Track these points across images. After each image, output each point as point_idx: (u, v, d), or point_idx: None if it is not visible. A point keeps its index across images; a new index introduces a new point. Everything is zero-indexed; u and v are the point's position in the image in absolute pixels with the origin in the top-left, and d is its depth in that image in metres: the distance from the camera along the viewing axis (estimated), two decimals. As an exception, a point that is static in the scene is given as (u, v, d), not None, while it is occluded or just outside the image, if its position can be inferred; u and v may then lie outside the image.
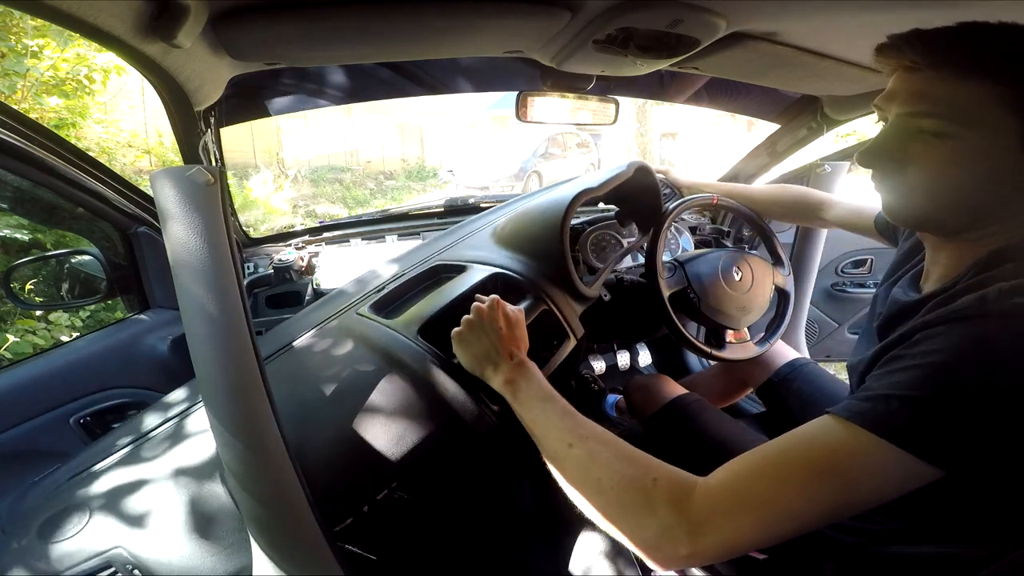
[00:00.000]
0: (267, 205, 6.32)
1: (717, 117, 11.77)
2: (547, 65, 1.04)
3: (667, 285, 1.10)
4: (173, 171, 0.52)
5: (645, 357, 1.57)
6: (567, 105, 1.20)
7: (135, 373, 1.15)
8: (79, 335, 2.15)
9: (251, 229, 4.13)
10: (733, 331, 1.16)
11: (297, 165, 8.49)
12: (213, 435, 0.57)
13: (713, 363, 1.49)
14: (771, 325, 1.20)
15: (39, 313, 2.42)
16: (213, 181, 0.52)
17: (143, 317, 1.22)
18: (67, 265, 1.33)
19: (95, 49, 3.11)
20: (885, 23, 0.81)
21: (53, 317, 2.44)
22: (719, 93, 1.47)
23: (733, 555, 0.46)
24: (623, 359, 1.54)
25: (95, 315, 2.61)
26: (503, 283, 0.91)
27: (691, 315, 1.14)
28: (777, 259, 1.25)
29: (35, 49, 2.90)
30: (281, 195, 6.70)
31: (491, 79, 1.41)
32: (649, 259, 1.11)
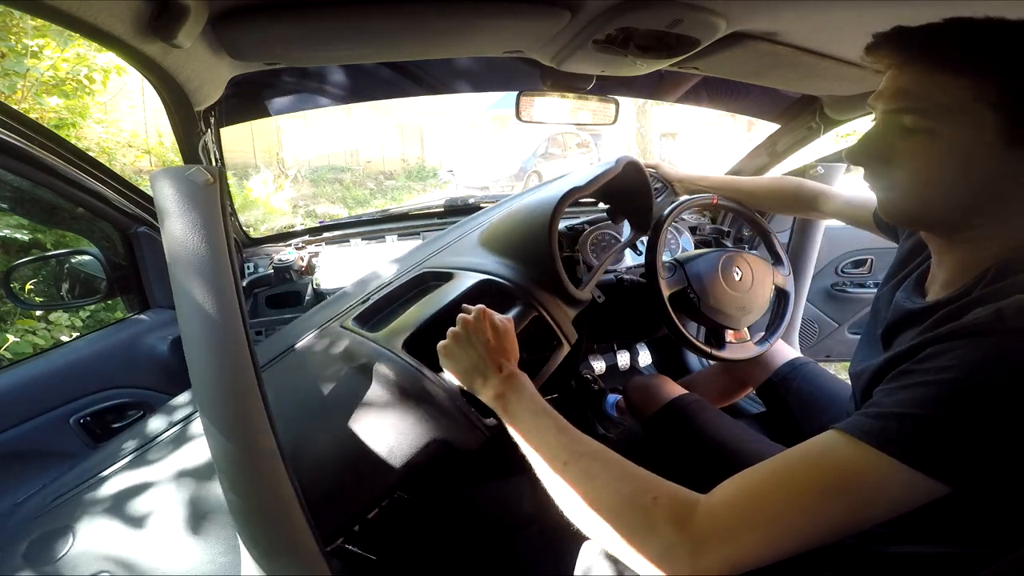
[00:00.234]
0: (267, 205, 6.32)
1: (717, 117, 11.77)
2: (547, 65, 1.04)
3: (667, 285, 1.10)
4: (172, 171, 0.52)
5: (645, 357, 1.57)
6: (567, 105, 1.20)
7: (135, 373, 1.15)
8: (79, 335, 2.15)
9: (251, 229, 4.13)
10: (733, 331, 1.16)
11: (297, 165, 8.49)
12: (207, 438, 0.56)
13: (713, 363, 1.49)
14: (771, 325, 1.20)
15: (39, 313, 2.42)
16: (212, 181, 0.51)
17: (143, 317, 1.22)
18: (67, 265, 1.33)
19: (95, 49, 3.11)
20: (885, 23, 0.81)
21: (53, 317, 2.44)
22: (719, 93, 1.47)
23: (737, 573, 0.45)
24: (623, 359, 1.54)
25: (95, 315, 2.61)
26: (491, 290, 0.88)
27: (691, 315, 1.14)
28: (777, 259, 1.25)
29: (35, 49, 2.90)
30: (281, 195, 6.70)
31: (491, 79, 1.41)
32: (649, 259, 1.11)
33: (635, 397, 1.14)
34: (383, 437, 0.69)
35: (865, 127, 0.56)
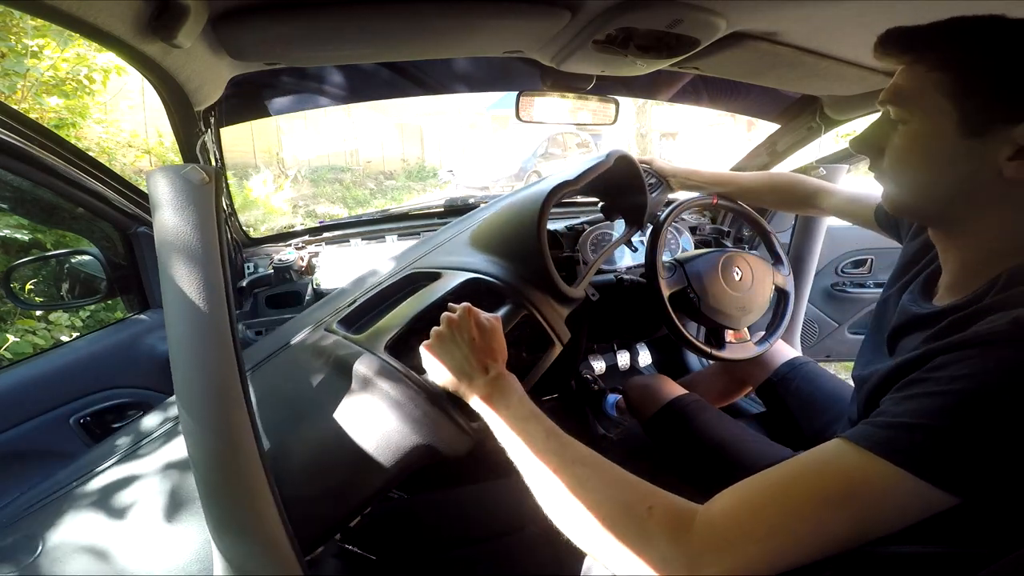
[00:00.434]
0: (267, 205, 6.32)
1: (717, 117, 11.78)
2: (547, 65, 1.04)
3: (667, 285, 1.10)
4: (168, 169, 0.51)
5: (645, 357, 1.57)
6: (567, 105, 1.21)
7: (135, 373, 1.15)
8: (79, 335, 2.15)
9: (251, 229, 4.13)
10: (733, 331, 1.16)
11: (297, 165, 8.49)
12: (185, 437, 0.55)
13: (713, 363, 1.49)
14: (771, 325, 1.20)
15: (39, 313, 2.42)
16: (208, 180, 0.51)
17: (143, 317, 1.22)
18: (67, 265, 1.33)
19: (95, 49, 3.11)
20: (885, 23, 0.81)
21: (53, 317, 2.44)
22: (719, 93, 1.47)
23: None
24: (623, 359, 1.54)
25: (95, 315, 2.61)
26: (480, 289, 0.85)
27: (691, 315, 1.14)
28: (777, 259, 1.25)
29: (35, 49, 2.90)
30: (281, 195, 6.70)
31: (491, 79, 1.41)
32: (649, 259, 1.11)
33: (635, 397, 1.14)
34: (365, 442, 0.67)
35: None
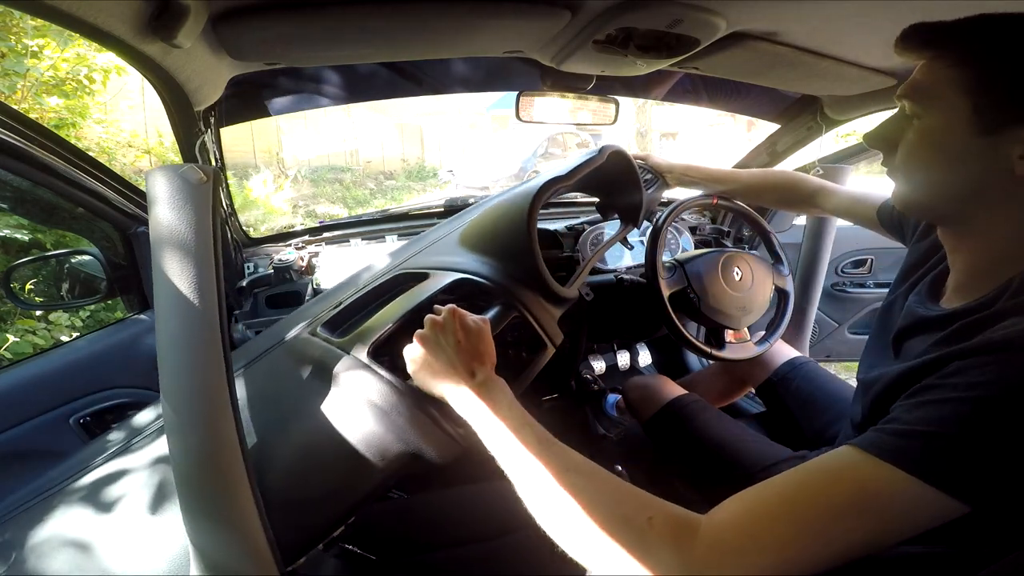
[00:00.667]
0: (267, 205, 6.32)
1: (717, 117, 11.78)
2: (547, 65, 1.04)
3: (667, 285, 1.10)
4: (167, 168, 0.51)
5: (645, 357, 1.57)
6: (567, 105, 1.20)
7: (135, 373, 1.15)
8: (79, 335, 2.16)
9: (251, 229, 4.13)
10: (733, 331, 1.16)
11: (297, 165, 8.49)
12: (167, 437, 0.54)
13: (713, 363, 1.49)
14: (771, 325, 1.20)
15: (39, 313, 2.43)
16: (205, 179, 0.51)
17: (143, 317, 1.22)
18: (67, 265, 1.33)
19: (95, 49, 3.11)
20: (885, 23, 0.81)
21: (53, 317, 2.44)
22: (719, 93, 1.47)
23: None
24: (623, 359, 1.54)
25: (95, 315, 2.61)
26: (469, 290, 0.83)
27: (691, 315, 1.14)
28: (777, 259, 1.25)
29: (35, 49, 2.90)
30: (281, 195, 6.70)
31: (491, 79, 1.41)
32: (649, 259, 1.11)
33: (635, 397, 1.14)
34: (347, 450, 0.64)
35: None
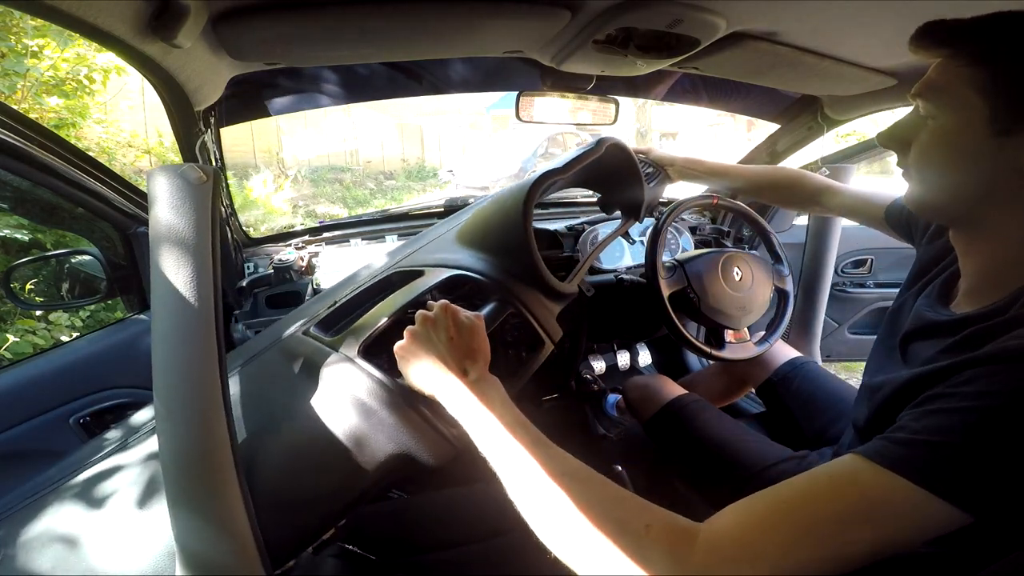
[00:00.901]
0: (267, 205, 6.32)
1: (717, 117, 11.79)
2: (547, 65, 1.04)
3: (667, 285, 1.10)
4: (167, 168, 0.52)
5: (645, 357, 1.57)
6: (567, 105, 1.20)
7: (135, 373, 1.15)
8: (79, 335, 2.15)
9: (251, 229, 4.13)
10: (733, 331, 1.16)
11: (297, 165, 8.49)
12: (158, 436, 0.53)
13: (713, 363, 1.49)
14: (771, 325, 1.20)
15: (39, 313, 2.43)
16: (205, 179, 0.51)
17: (143, 317, 1.22)
18: (67, 265, 1.33)
19: (95, 49, 3.11)
20: (885, 23, 0.81)
21: (53, 317, 2.44)
22: (719, 93, 1.47)
23: None
24: (623, 359, 1.54)
25: (95, 315, 2.61)
26: (465, 286, 0.81)
27: (691, 315, 1.14)
28: (777, 258, 1.25)
29: (35, 49, 2.90)
30: (281, 195, 6.70)
31: (491, 79, 1.41)
32: (649, 259, 1.11)
33: (635, 397, 1.14)
34: (337, 451, 0.63)
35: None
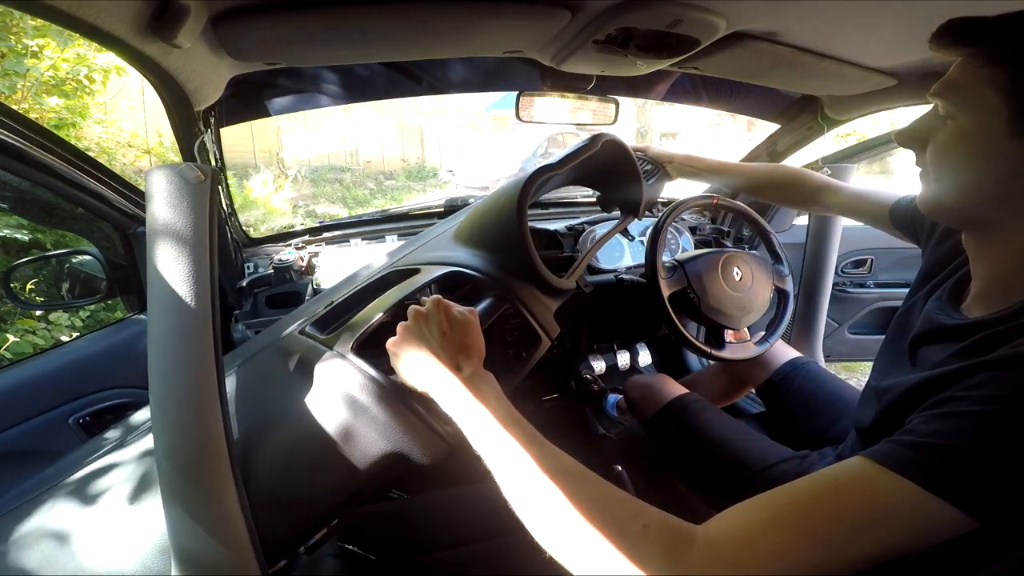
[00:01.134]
0: (267, 205, 6.32)
1: (717, 117, 11.79)
2: (547, 65, 1.04)
3: (667, 285, 1.10)
4: (165, 167, 0.52)
5: (645, 357, 1.58)
6: (567, 105, 1.20)
7: (134, 373, 1.15)
8: (79, 335, 2.15)
9: (251, 229, 4.13)
10: (733, 331, 1.16)
11: (297, 165, 8.49)
12: (154, 435, 0.53)
13: (713, 363, 1.49)
14: (771, 325, 1.20)
15: (39, 313, 2.43)
16: (203, 178, 0.51)
17: (142, 317, 1.22)
18: (67, 265, 1.33)
19: (95, 49, 3.11)
20: (885, 23, 0.81)
21: (53, 317, 2.44)
22: (719, 93, 1.47)
23: None
24: (623, 359, 1.54)
25: (95, 315, 2.61)
26: (461, 283, 0.81)
27: (691, 315, 1.14)
28: (777, 258, 1.25)
29: (35, 49, 2.90)
30: (281, 195, 6.70)
31: (491, 79, 1.41)
32: (649, 259, 1.11)
33: (635, 397, 1.14)
34: (330, 449, 0.63)
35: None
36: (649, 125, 8.97)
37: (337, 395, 0.64)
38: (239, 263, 1.32)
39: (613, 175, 1.03)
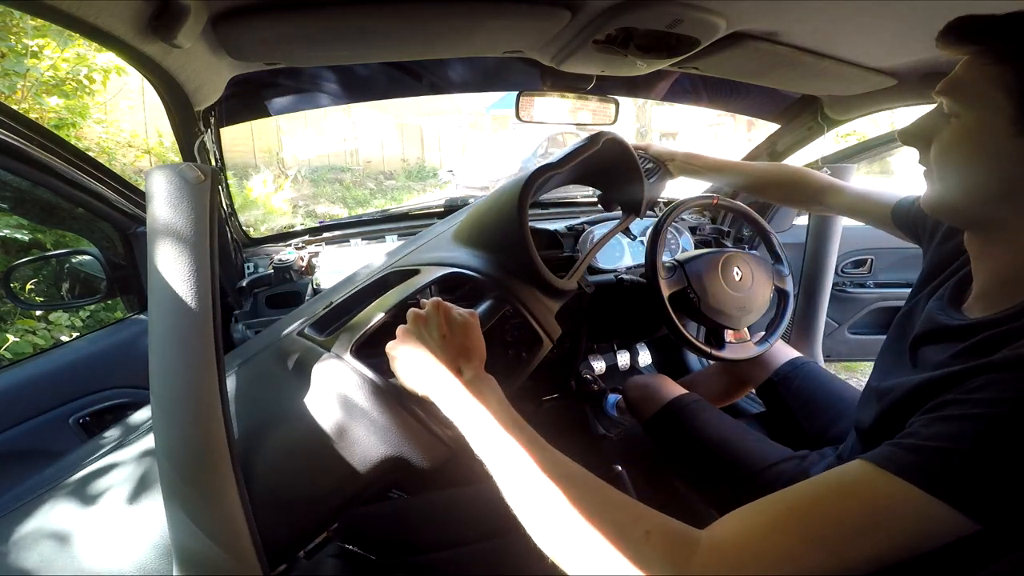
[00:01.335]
0: (267, 205, 6.32)
1: (717, 117, 11.80)
2: (547, 65, 1.04)
3: (667, 285, 1.10)
4: (165, 167, 0.52)
5: (645, 357, 1.57)
6: (567, 105, 1.21)
7: (135, 373, 1.15)
8: (79, 335, 2.16)
9: (251, 229, 4.14)
10: (733, 331, 1.16)
11: (297, 165, 8.49)
12: (155, 435, 0.53)
13: (713, 363, 1.49)
14: (771, 325, 1.20)
15: (39, 313, 2.43)
16: (203, 178, 0.51)
17: (143, 317, 1.22)
18: (67, 265, 1.33)
19: (95, 49, 3.11)
20: (885, 23, 0.81)
21: (53, 317, 2.44)
22: (719, 93, 1.47)
23: None
24: (623, 359, 1.54)
25: (95, 315, 2.61)
26: (461, 284, 0.80)
27: (691, 315, 1.14)
28: (777, 258, 1.25)
29: (35, 49, 2.90)
30: (281, 195, 6.70)
31: (491, 79, 1.41)
32: (649, 259, 1.11)
33: (635, 397, 1.14)
34: (329, 453, 0.62)
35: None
36: (649, 125, 8.98)
37: (337, 398, 0.64)
38: (239, 263, 1.32)
39: (614, 174, 1.02)
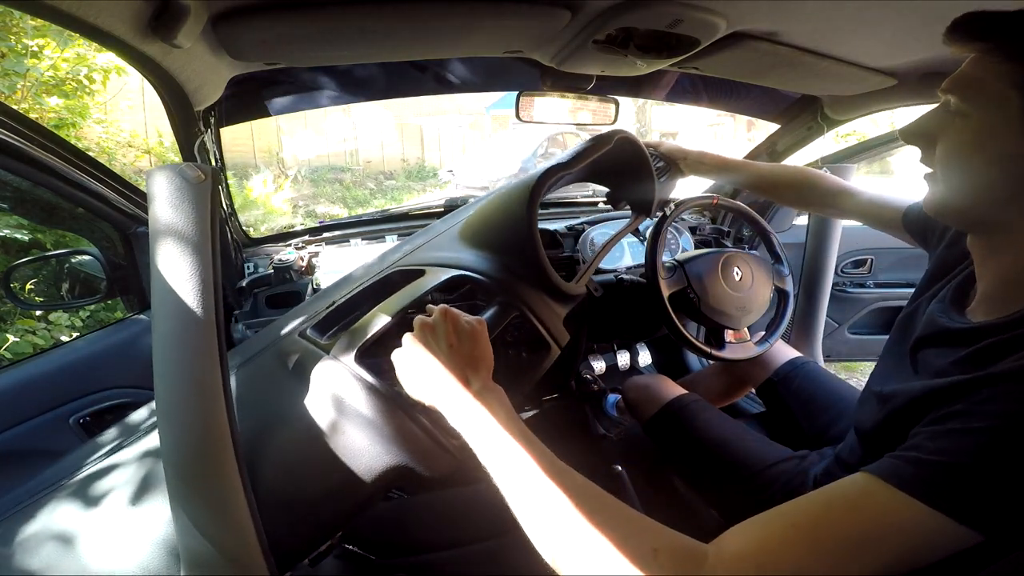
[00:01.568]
0: (267, 205, 6.32)
1: (717, 117, 11.78)
2: (547, 65, 1.04)
3: (667, 285, 1.10)
4: (166, 167, 0.52)
5: (645, 357, 1.57)
6: (567, 105, 1.21)
7: (135, 373, 1.15)
8: (79, 335, 2.16)
9: (251, 229, 4.14)
10: (733, 331, 1.16)
11: (297, 165, 8.49)
12: (160, 436, 0.53)
13: (713, 363, 1.49)
14: (771, 325, 1.20)
15: (39, 313, 2.43)
16: (203, 178, 0.51)
17: (143, 317, 1.22)
18: (67, 265, 1.33)
19: (95, 49, 3.11)
20: (885, 23, 0.81)
21: (53, 317, 2.44)
22: (719, 93, 1.47)
23: None
24: (623, 359, 1.54)
25: (95, 315, 2.61)
26: (467, 288, 0.79)
27: (691, 315, 1.14)
28: (777, 258, 1.25)
29: (35, 49, 2.90)
30: (281, 195, 6.70)
31: (491, 79, 1.41)
32: (649, 259, 1.11)
33: (635, 397, 1.14)
34: (334, 461, 0.61)
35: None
36: (649, 125, 8.98)
37: (340, 406, 0.63)
38: (239, 263, 1.32)
39: (626, 172, 1.00)
